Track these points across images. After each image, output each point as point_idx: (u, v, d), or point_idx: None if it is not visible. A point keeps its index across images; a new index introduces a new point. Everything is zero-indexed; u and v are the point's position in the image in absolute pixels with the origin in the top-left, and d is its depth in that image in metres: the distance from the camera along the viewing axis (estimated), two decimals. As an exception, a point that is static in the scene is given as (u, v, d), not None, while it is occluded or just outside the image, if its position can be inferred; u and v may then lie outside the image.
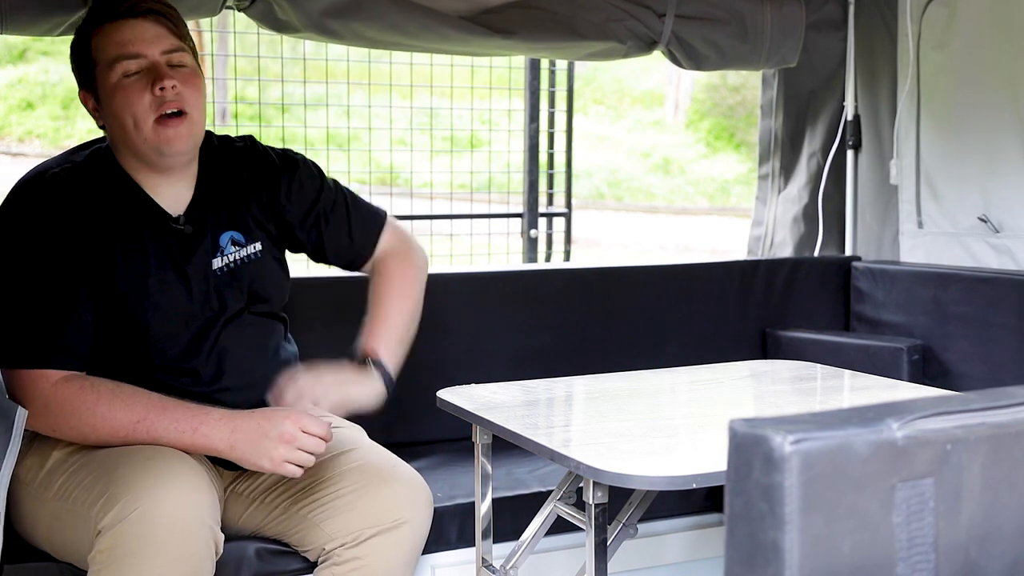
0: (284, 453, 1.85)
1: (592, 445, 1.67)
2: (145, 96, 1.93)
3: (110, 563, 1.75)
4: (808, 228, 3.47)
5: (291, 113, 4.88)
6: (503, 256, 4.68)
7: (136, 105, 1.93)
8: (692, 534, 2.60)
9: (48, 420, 1.90)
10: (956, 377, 2.94)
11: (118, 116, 1.95)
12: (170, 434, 1.87)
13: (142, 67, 1.94)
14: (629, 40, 3.00)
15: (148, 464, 1.81)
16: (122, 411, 1.87)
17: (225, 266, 2.07)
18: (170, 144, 1.95)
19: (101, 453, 1.89)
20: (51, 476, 1.93)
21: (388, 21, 2.71)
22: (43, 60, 12.05)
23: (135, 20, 1.95)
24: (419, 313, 2.25)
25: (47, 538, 1.95)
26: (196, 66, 2.01)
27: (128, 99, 1.93)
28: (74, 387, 1.89)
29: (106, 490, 1.80)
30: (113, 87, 1.94)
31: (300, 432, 1.86)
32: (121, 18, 1.95)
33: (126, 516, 1.74)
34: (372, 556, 1.98)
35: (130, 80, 1.93)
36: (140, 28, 1.94)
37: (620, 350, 2.99)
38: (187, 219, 2.04)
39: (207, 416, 1.88)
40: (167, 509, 1.75)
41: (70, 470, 1.91)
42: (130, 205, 2.00)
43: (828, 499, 0.84)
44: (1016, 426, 0.92)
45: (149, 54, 1.94)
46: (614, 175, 13.79)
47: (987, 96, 3.03)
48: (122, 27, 1.95)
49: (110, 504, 1.77)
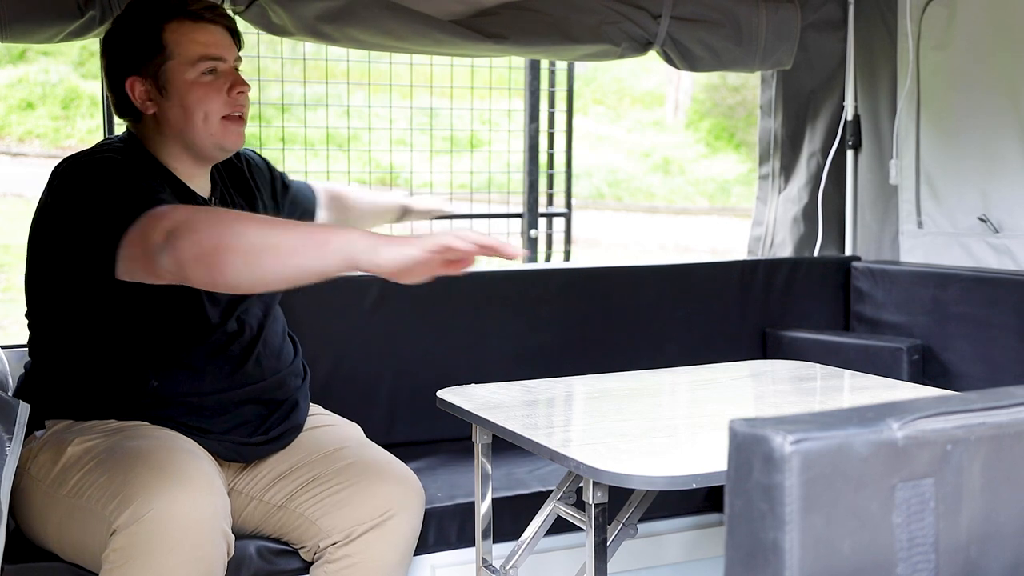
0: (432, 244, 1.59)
1: (592, 445, 1.67)
2: (221, 96, 2.03)
3: (124, 562, 1.76)
4: (808, 228, 3.47)
5: (291, 113, 4.88)
6: (503, 256, 4.67)
7: (212, 103, 2.02)
8: (692, 534, 2.60)
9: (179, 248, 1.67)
10: (956, 377, 2.94)
11: (188, 109, 2.02)
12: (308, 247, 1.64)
13: (219, 70, 2.04)
14: (624, 42, 3.00)
15: (163, 465, 1.82)
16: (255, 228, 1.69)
17: None
18: (233, 142, 2.07)
19: (117, 452, 1.89)
20: (65, 473, 1.93)
21: (382, 26, 2.72)
22: (43, 60, 12.05)
23: (215, 26, 2.05)
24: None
25: (57, 536, 1.95)
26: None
27: (207, 96, 2.02)
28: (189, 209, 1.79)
29: (121, 490, 1.81)
30: (191, 83, 2.01)
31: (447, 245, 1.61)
32: (203, 20, 2.04)
33: (141, 516, 1.75)
34: (363, 553, 2.00)
35: (209, 79, 2.03)
36: (220, 34, 2.06)
37: (620, 350, 2.99)
38: (217, 201, 2.14)
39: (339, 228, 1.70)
40: (181, 510, 1.76)
41: (85, 468, 1.91)
42: (169, 185, 2.03)
43: (828, 499, 0.84)
44: (1016, 426, 0.92)
45: (228, 59, 2.06)
46: (614, 175, 13.79)
47: (987, 96, 3.03)
48: (205, 29, 2.04)
49: (125, 504, 1.78)
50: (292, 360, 2.21)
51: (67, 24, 2.42)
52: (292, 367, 2.20)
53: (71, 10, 2.41)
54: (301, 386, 2.21)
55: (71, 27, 2.42)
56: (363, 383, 2.69)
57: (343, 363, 2.67)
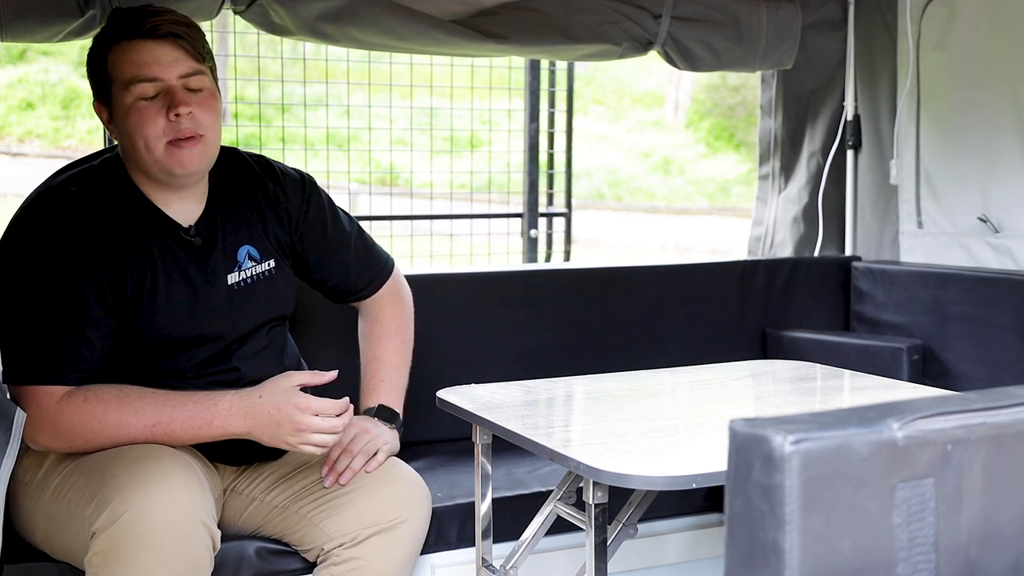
0: (299, 440, 1.89)
1: (592, 445, 1.67)
2: (159, 120, 1.90)
3: (106, 565, 1.75)
4: (808, 228, 3.47)
5: (291, 113, 4.88)
6: (503, 256, 4.68)
7: (149, 128, 1.90)
8: (692, 534, 2.60)
9: (59, 438, 1.89)
10: (956, 377, 2.94)
11: (130, 136, 1.93)
12: (188, 432, 1.88)
13: (159, 90, 1.91)
14: (625, 42, 3.00)
15: (138, 464, 1.81)
16: (133, 417, 1.87)
17: (242, 281, 2.05)
18: (182, 166, 1.93)
19: (94, 454, 1.89)
20: (48, 477, 1.93)
21: (382, 26, 2.72)
22: (43, 60, 12.05)
23: (154, 42, 1.91)
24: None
25: (45, 538, 1.95)
26: (214, 87, 1.99)
27: (142, 122, 1.90)
28: (78, 400, 1.87)
29: (98, 491, 1.80)
30: (128, 108, 1.91)
31: (312, 419, 1.87)
32: (140, 38, 1.91)
33: (118, 518, 1.74)
34: (371, 556, 1.98)
35: (145, 103, 1.91)
36: (159, 51, 1.91)
37: (620, 350, 2.99)
38: (197, 231, 2.02)
39: (217, 408, 1.88)
40: (158, 508, 1.74)
41: (65, 471, 1.91)
42: (140, 217, 1.98)
43: (828, 499, 0.84)
44: (1016, 426, 0.92)
45: (166, 78, 1.91)
46: (614, 175, 13.80)
47: (987, 96, 3.03)
48: (140, 48, 1.91)
49: (102, 506, 1.77)
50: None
51: (67, 23, 2.41)
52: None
53: (71, 9, 2.40)
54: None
55: (71, 26, 2.42)
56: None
57: (343, 364, 2.67)
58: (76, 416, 1.87)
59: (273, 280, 2.10)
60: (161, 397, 1.89)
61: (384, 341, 2.28)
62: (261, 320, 2.08)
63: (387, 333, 2.29)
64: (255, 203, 2.10)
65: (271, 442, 1.90)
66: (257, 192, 2.11)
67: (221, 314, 2.02)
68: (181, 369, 1.99)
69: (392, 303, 2.31)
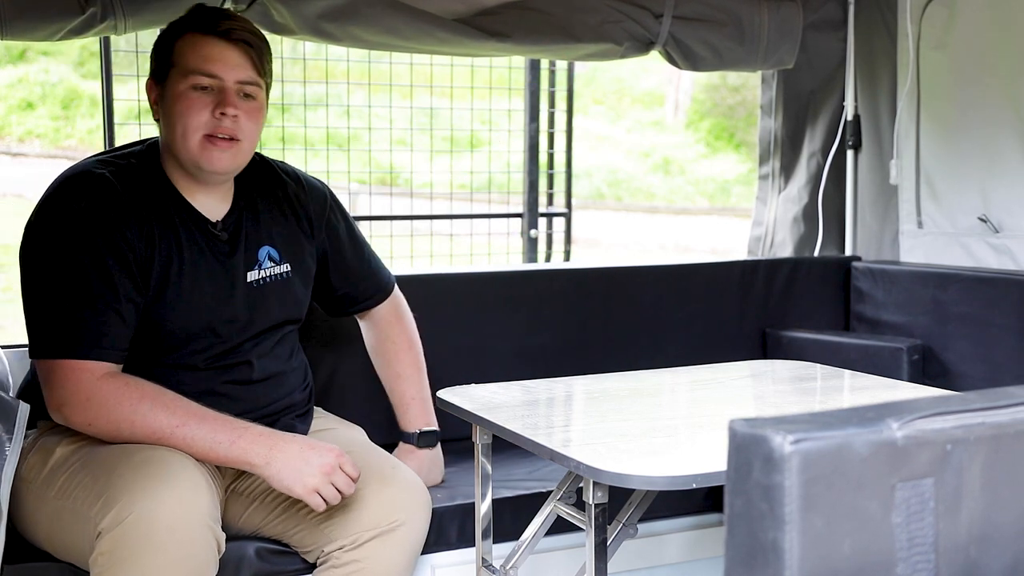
0: (318, 483, 1.89)
1: (592, 445, 1.67)
2: (204, 113, 1.97)
3: (111, 566, 1.75)
4: (808, 228, 3.47)
5: (291, 113, 4.88)
6: (503, 256, 4.68)
7: (192, 118, 1.97)
8: (692, 534, 2.60)
9: (87, 413, 1.90)
10: (956, 377, 2.94)
11: (171, 121, 1.99)
12: (207, 443, 1.88)
13: (214, 87, 1.98)
14: (626, 41, 3.01)
15: (146, 465, 1.81)
16: (163, 414, 1.88)
17: (261, 279, 2.10)
18: (211, 163, 1.99)
19: (101, 452, 1.89)
20: (54, 474, 1.93)
21: (384, 25, 2.72)
22: (43, 60, 12.04)
23: (225, 43, 1.98)
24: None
25: (48, 537, 1.95)
26: (264, 103, 2.06)
27: (188, 109, 1.97)
28: (119, 383, 1.90)
29: (104, 491, 1.80)
30: (179, 94, 1.97)
31: (339, 468, 1.90)
32: (214, 36, 1.98)
33: (124, 519, 1.74)
34: (371, 559, 1.98)
35: (197, 94, 1.97)
36: (227, 52, 1.98)
37: (620, 350, 2.99)
38: (224, 226, 2.07)
39: (246, 431, 1.90)
40: (165, 510, 1.75)
41: (71, 469, 1.91)
42: (170, 206, 2.02)
43: (828, 499, 0.84)
44: (1016, 426, 0.92)
45: (225, 78, 1.98)
46: (614, 175, 13.79)
47: (987, 96, 3.03)
48: (212, 44, 1.98)
49: (108, 506, 1.77)
50: (291, 393, 2.17)
51: (68, 21, 2.41)
52: (288, 399, 2.16)
53: (72, 7, 2.40)
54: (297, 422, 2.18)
55: (72, 24, 2.41)
56: (364, 384, 2.69)
57: (344, 364, 2.67)
58: (113, 396, 1.88)
59: (289, 283, 2.15)
60: (195, 407, 1.92)
61: (401, 356, 2.40)
62: (275, 320, 2.13)
63: (402, 348, 2.40)
64: (279, 207, 2.17)
65: (283, 480, 1.88)
66: (281, 197, 2.18)
67: (238, 309, 2.06)
68: (193, 362, 2.02)
69: (398, 319, 2.42)
